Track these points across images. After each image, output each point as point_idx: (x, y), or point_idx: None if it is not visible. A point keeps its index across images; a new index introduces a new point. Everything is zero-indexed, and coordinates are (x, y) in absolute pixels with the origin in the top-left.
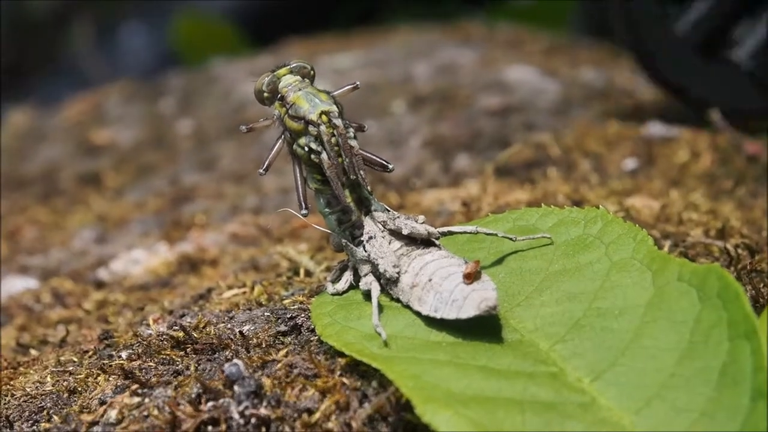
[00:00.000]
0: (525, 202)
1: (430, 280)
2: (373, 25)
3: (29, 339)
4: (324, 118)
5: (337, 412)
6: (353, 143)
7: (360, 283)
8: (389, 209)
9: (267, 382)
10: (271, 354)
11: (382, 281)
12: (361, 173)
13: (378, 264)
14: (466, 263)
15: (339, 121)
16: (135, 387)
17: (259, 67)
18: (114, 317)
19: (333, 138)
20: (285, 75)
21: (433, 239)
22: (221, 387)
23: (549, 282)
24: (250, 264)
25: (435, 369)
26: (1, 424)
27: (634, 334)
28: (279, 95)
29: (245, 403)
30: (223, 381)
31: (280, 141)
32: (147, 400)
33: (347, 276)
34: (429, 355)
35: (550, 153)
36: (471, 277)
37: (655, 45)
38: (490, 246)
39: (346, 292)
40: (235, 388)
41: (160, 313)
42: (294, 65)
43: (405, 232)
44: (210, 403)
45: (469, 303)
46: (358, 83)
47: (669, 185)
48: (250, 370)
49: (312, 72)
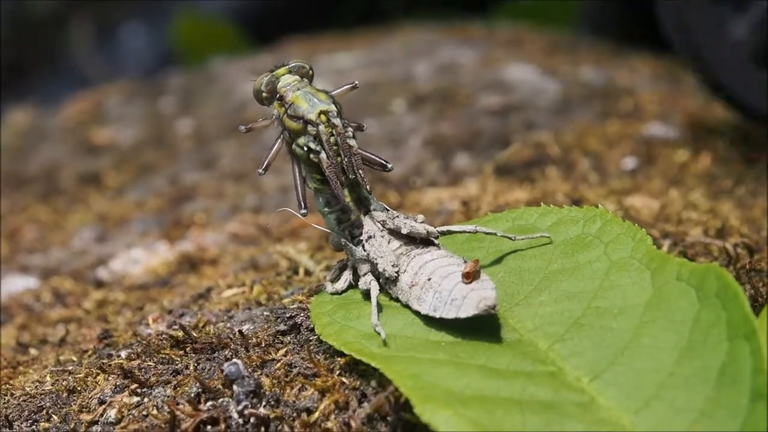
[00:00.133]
0: (524, 201)
1: (429, 279)
2: (374, 25)
3: (29, 338)
4: (323, 117)
5: (336, 411)
6: (352, 143)
7: (359, 283)
8: (388, 208)
9: (266, 381)
10: (271, 353)
11: (381, 280)
12: (360, 173)
13: (377, 263)
14: (465, 262)
15: (338, 121)
16: (134, 386)
17: (259, 67)
18: (113, 317)
19: (332, 137)
20: (284, 75)
21: (432, 238)
22: (220, 386)
23: (548, 281)
24: (249, 263)
25: (434, 368)
26: (1, 423)
27: (633, 333)
28: (278, 95)
29: (244, 403)
30: (223, 380)
31: (279, 141)
32: (146, 399)
33: (346, 275)
34: (428, 355)
35: (549, 152)
36: (470, 277)
37: (710, 51)
38: (489, 245)
39: (345, 291)
40: (235, 387)
41: (159, 313)
42: (293, 65)
43: (404, 231)
44: (209, 403)
45: (468, 302)
46: (356, 83)
47: (668, 184)
48: (249, 369)
49: (311, 72)
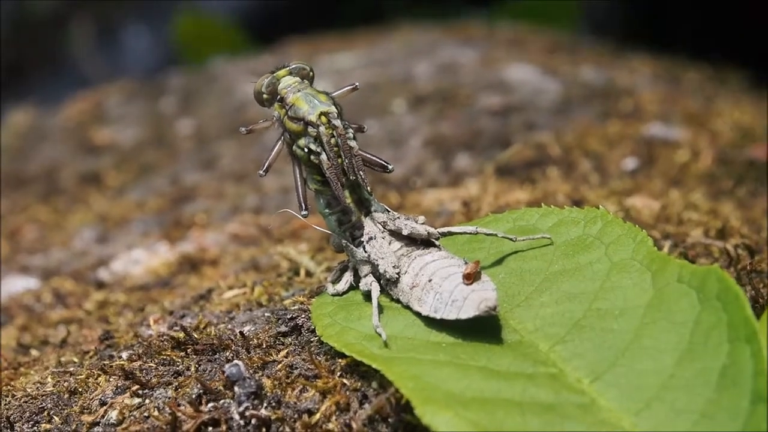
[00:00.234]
0: (525, 201)
1: (430, 280)
2: (374, 25)
3: (30, 339)
4: (323, 119)
5: (338, 412)
6: (352, 144)
7: (360, 284)
8: (389, 210)
9: (267, 382)
10: (272, 355)
11: (382, 282)
12: (361, 174)
13: (378, 264)
14: (466, 264)
15: (338, 122)
16: (135, 387)
17: (260, 67)
18: (114, 317)
19: (332, 139)
20: (284, 76)
21: (433, 240)
22: (222, 388)
23: (549, 282)
24: (250, 264)
25: (435, 370)
26: (2, 424)
27: (633, 335)
28: (278, 96)
29: (245, 404)
30: (224, 382)
31: (279, 142)
32: (147, 400)
33: (347, 277)
34: (429, 356)
35: (550, 153)
36: (471, 278)
37: None
38: (490, 246)
39: (346, 292)
40: (236, 388)
41: (160, 314)
42: (293, 66)
43: (405, 232)
44: (210, 404)
45: (469, 303)
46: (357, 84)
47: (669, 185)
48: (250, 370)
49: (311, 73)
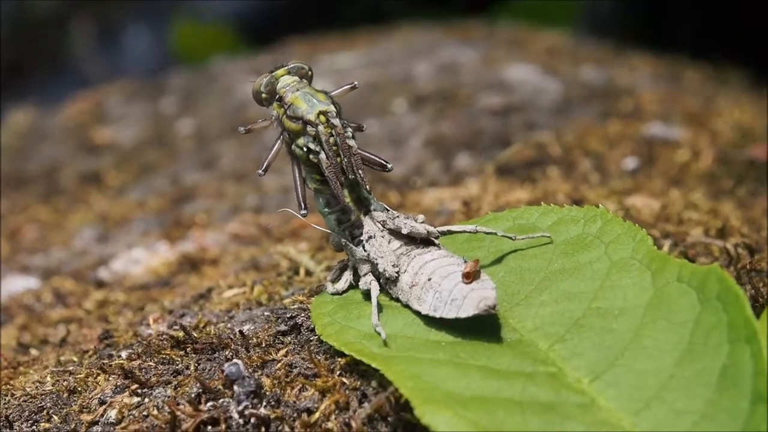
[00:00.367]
0: (525, 201)
1: (429, 279)
2: (375, 25)
3: (30, 338)
4: (322, 118)
5: (337, 411)
6: (351, 143)
7: (359, 283)
8: (388, 209)
9: (267, 381)
10: (271, 353)
11: (381, 281)
12: (360, 173)
13: (377, 263)
14: (465, 262)
15: (337, 121)
16: (135, 387)
17: (260, 67)
18: (114, 317)
19: (331, 138)
20: (283, 76)
21: (433, 238)
22: (221, 387)
23: (548, 281)
24: (250, 263)
25: (434, 369)
26: (1, 423)
27: (633, 334)
28: (277, 96)
29: (245, 403)
30: (223, 381)
31: (278, 141)
32: (147, 399)
33: (347, 275)
34: (428, 355)
35: (550, 152)
36: (470, 277)
37: None
38: (489, 245)
39: (345, 291)
40: (235, 387)
41: (160, 313)
42: (292, 66)
43: (404, 231)
44: (210, 403)
45: (468, 302)
46: (356, 83)
47: (669, 185)
48: (249, 369)
49: (310, 72)
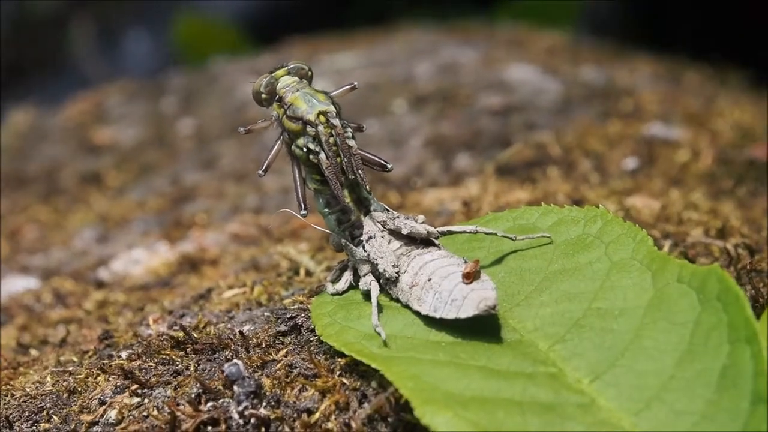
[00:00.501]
0: (525, 201)
1: (429, 279)
2: (375, 25)
3: (29, 339)
4: (322, 118)
5: (337, 412)
6: (351, 143)
7: (360, 283)
8: (389, 209)
9: (267, 382)
10: (271, 354)
11: (381, 281)
12: (360, 173)
13: (377, 264)
14: (465, 263)
15: (337, 121)
16: (135, 387)
17: (260, 67)
18: (114, 317)
19: (331, 138)
20: (283, 76)
21: (433, 239)
22: (221, 387)
23: (548, 282)
24: (250, 264)
25: (434, 369)
26: (1, 424)
27: (633, 335)
28: (277, 96)
29: (245, 403)
30: (223, 381)
31: (278, 142)
32: (147, 400)
33: (347, 276)
34: (428, 355)
35: (550, 152)
36: (470, 277)
37: None
38: (489, 245)
39: (345, 292)
40: (235, 388)
41: (160, 313)
42: (291, 66)
43: (404, 231)
44: (210, 403)
45: (469, 303)
46: (356, 83)
47: (669, 185)
48: (249, 370)
49: (310, 73)
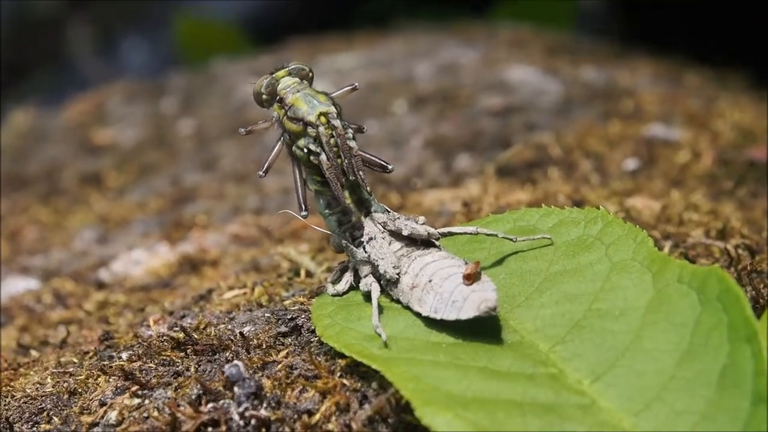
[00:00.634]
0: (526, 202)
1: (430, 281)
2: (375, 26)
3: (30, 340)
4: (322, 119)
5: (337, 413)
6: (352, 144)
7: (360, 284)
8: (389, 210)
9: (267, 383)
10: (272, 355)
11: (382, 282)
12: (361, 174)
13: (378, 265)
14: (466, 264)
15: (337, 122)
16: (135, 388)
17: (260, 67)
18: (114, 318)
19: (332, 139)
20: (283, 77)
21: (433, 240)
22: (221, 388)
23: (549, 283)
24: (250, 265)
25: (435, 370)
26: (1, 425)
27: (634, 335)
28: (278, 97)
29: (245, 405)
30: (224, 382)
31: (279, 143)
32: (147, 401)
33: (347, 277)
34: (429, 356)
35: (551, 153)
36: (471, 278)
37: None
38: (490, 247)
39: (346, 293)
40: (235, 389)
41: (160, 314)
42: (292, 67)
43: (405, 233)
44: (210, 405)
45: (469, 304)
46: (356, 84)
47: (670, 186)
48: (250, 371)
49: (310, 74)
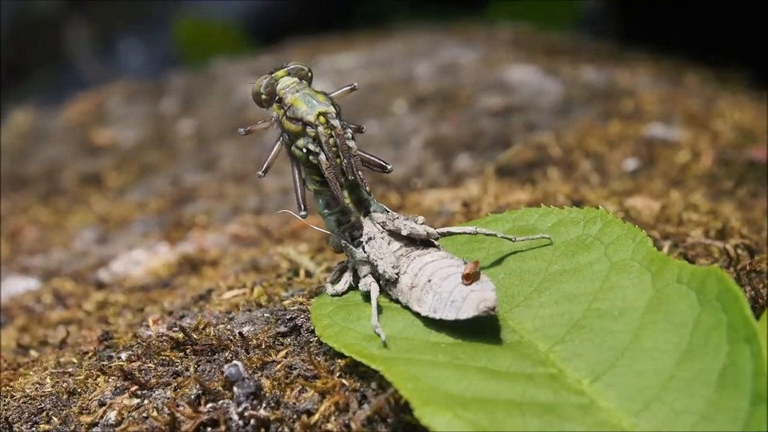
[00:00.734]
0: (525, 202)
1: (429, 280)
2: (375, 26)
3: (29, 340)
4: (322, 119)
5: (337, 413)
6: (351, 144)
7: (359, 284)
8: (388, 210)
9: (266, 383)
10: (271, 355)
11: (381, 282)
12: (360, 174)
13: (377, 265)
14: (465, 264)
15: (337, 122)
16: (134, 388)
17: (260, 68)
18: (114, 318)
19: (331, 139)
20: (282, 77)
21: (433, 240)
22: (221, 388)
23: (548, 283)
24: (250, 265)
25: (434, 370)
26: (1, 425)
27: (633, 335)
28: (277, 97)
29: (244, 405)
30: (223, 382)
31: (278, 143)
32: (146, 401)
33: (347, 277)
34: (428, 356)
35: (550, 153)
36: (470, 278)
37: None
38: (489, 246)
39: (345, 293)
40: (235, 389)
41: (160, 314)
42: (291, 67)
43: (404, 232)
44: (209, 405)
45: (468, 304)
46: (356, 84)
47: (669, 186)
48: (249, 371)
49: (310, 74)
